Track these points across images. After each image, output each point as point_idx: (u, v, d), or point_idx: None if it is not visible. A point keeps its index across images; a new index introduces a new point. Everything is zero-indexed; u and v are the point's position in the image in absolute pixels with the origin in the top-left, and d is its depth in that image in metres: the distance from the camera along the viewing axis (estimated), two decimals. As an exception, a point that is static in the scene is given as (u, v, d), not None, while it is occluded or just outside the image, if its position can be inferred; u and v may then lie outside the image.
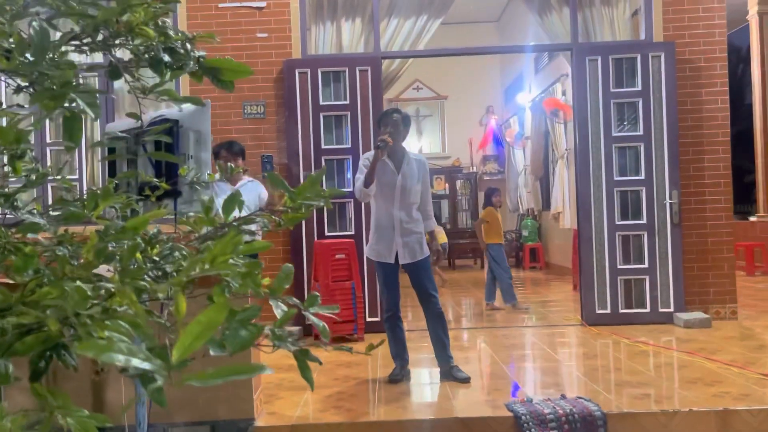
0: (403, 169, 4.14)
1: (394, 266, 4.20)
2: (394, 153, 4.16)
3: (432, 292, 4.17)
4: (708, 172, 5.91)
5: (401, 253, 4.15)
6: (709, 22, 5.88)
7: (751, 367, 4.11)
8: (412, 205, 4.17)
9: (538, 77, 11.73)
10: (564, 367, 4.53)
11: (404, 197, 4.14)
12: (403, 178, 4.13)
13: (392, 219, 4.14)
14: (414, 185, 4.15)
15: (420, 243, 4.18)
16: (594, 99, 5.87)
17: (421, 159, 4.28)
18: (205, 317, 0.87)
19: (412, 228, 4.16)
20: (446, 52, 6.80)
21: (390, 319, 4.20)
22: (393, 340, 4.23)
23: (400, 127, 4.14)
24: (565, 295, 8.22)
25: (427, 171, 4.29)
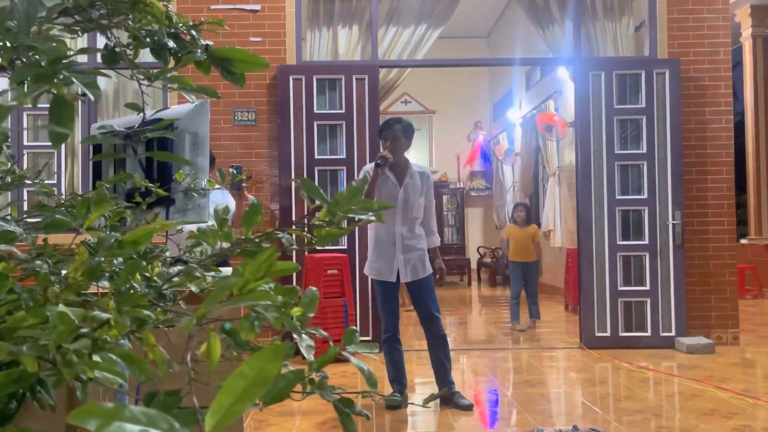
0: (406, 182, 3.92)
1: (395, 285, 3.97)
2: (397, 165, 3.95)
3: (435, 313, 3.93)
4: (711, 193, 5.77)
5: (402, 271, 3.91)
6: (714, 40, 5.77)
7: (766, 398, 3.92)
8: (414, 220, 3.94)
9: (529, 93, 11.63)
10: (569, 394, 4.30)
11: (406, 212, 3.91)
12: (405, 192, 3.91)
13: (393, 235, 3.91)
14: (417, 199, 3.92)
15: (422, 260, 3.95)
16: (597, 115, 5.71)
17: (425, 171, 4.05)
18: (251, 368, 0.63)
19: (415, 244, 3.93)
20: (446, 63, 6.62)
21: (388, 341, 3.95)
22: (391, 363, 3.98)
23: (401, 139, 3.91)
24: (557, 315, 8.02)
25: (431, 184, 4.06)
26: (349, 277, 5.34)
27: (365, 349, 1.09)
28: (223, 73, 1.35)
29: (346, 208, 1.02)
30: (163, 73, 1.24)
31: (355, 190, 1.06)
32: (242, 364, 0.64)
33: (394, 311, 3.98)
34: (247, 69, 1.31)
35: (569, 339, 6.12)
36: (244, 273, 0.87)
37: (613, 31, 6.00)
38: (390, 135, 3.90)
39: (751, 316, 7.59)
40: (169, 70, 1.24)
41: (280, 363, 0.65)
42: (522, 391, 4.41)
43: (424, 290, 3.95)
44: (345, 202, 1.03)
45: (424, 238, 4.01)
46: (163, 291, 1.14)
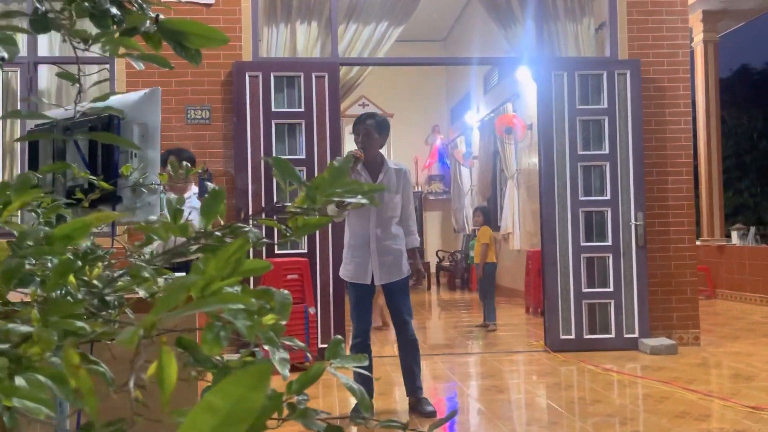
0: (380, 179, 3.75)
1: (369, 288, 3.79)
2: (370, 162, 3.77)
3: (406, 318, 3.78)
4: (672, 194, 5.79)
5: (377, 274, 3.74)
6: (673, 42, 5.80)
7: (735, 399, 3.89)
8: (390, 220, 3.77)
9: (486, 97, 11.62)
10: (539, 399, 4.19)
11: (381, 211, 3.73)
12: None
13: (367, 236, 3.73)
14: (392, 198, 3.75)
15: (398, 262, 3.77)
16: (559, 115, 5.66)
17: (401, 168, 3.87)
18: (226, 398, 0.45)
19: (391, 245, 3.76)
20: (409, 61, 6.48)
21: (358, 346, 3.76)
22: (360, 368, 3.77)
23: (374, 135, 3.74)
24: (518, 318, 7.97)
25: (409, 181, 3.89)
26: (311, 283, 5.13)
27: (352, 363, 0.91)
28: (176, 49, 1.14)
29: (328, 192, 0.84)
30: (104, 36, 1.04)
31: (338, 171, 0.88)
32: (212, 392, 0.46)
33: (366, 316, 3.80)
34: (203, 44, 1.11)
35: (534, 342, 6.04)
36: (207, 270, 0.68)
37: (575, 31, 5.97)
38: (362, 130, 3.73)
39: (708, 316, 7.68)
40: (110, 33, 1.04)
41: (265, 390, 0.47)
42: (489, 397, 4.28)
43: (398, 293, 3.79)
44: (326, 185, 0.85)
45: (401, 238, 3.83)
46: (105, 297, 0.94)
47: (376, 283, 3.76)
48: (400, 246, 3.79)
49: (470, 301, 10.14)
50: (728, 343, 5.87)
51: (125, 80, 5.35)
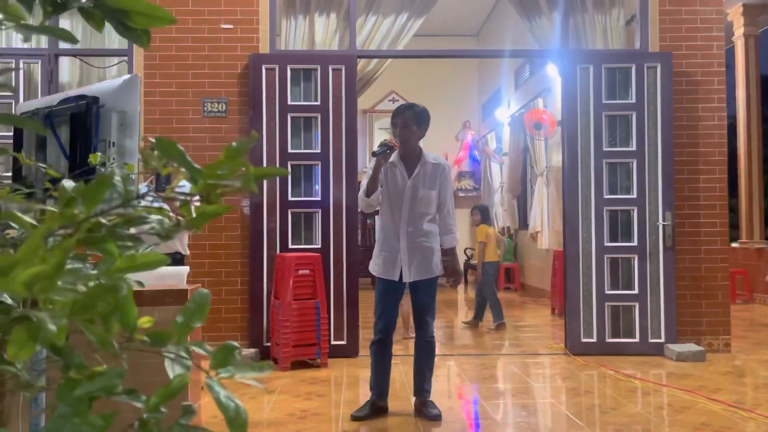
0: (416, 173, 3.58)
1: (398, 285, 3.65)
2: (407, 155, 3.62)
3: (428, 318, 3.66)
4: (703, 194, 5.52)
5: (406, 271, 3.60)
6: (707, 34, 5.53)
7: (759, 410, 3.66)
8: (423, 216, 3.60)
9: (518, 93, 11.38)
10: (553, 406, 4.02)
11: (414, 206, 3.58)
12: (414, 185, 3.57)
13: (398, 231, 3.60)
14: (427, 193, 3.58)
15: (430, 260, 3.61)
16: (584, 110, 5.45)
17: (441, 162, 3.69)
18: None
19: (423, 242, 3.60)
20: (427, 54, 6.33)
21: (379, 343, 3.65)
22: (377, 367, 3.68)
23: (411, 126, 3.56)
24: (543, 319, 7.76)
25: (448, 177, 3.69)
26: (322, 278, 5.04)
27: (251, 372, 0.80)
28: (119, 29, 1.04)
29: (213, 175, 0.73)
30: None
31: (236, 152, 0.77)
32: None
33: (390, 314, 3.67)
34: (149, 23, 1.01)
35: (554, 345, 5.85)
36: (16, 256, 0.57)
37: (603, 23, 5.74)
38: (399, 121, 3.58)
39: (742, 321, 7.35)
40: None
41: None
42: (502, 402, 4.13)
43: (424, 292, 3.65)
44: (216, 167, 0.74)
45: (434, 236, 3.66)
46: None
47: (405, 280, 3.62)
48: (433, 244, 3.64)
49: (497, 301, 9.93)
50: (761, 350, 5.58)
51: (143, 72, 5.34)
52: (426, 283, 3.62)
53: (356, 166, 5.41)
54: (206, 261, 5.29)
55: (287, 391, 4.23)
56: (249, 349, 5.12)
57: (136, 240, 0.84)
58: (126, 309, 0.72)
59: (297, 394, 4.14)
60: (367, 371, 4.45)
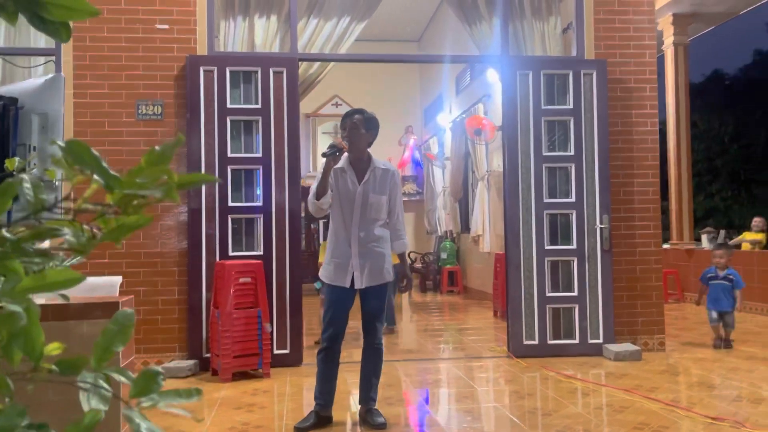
0: (366, 178, 3.56)
1: (349, 292, 3.58)
2: (356, 160, 3.58)
3: (377, 324, 3.62)
4: (637, 197, 5.69)
5: (358, 277, 3.54)
6: (640, 43, 5.71)
7: (696, 409, 3.77)
8: (374, 222, 3.57)
9: (459, 98, 11.51)
10: (497, 410, 4.04)
11: (365, 212, 3.54)
12: (365, 190, 3.54)
13: (349, 237, 3.54)
14: (378, 198, 3.56)
15: (381, 266, 3.58)
16: (524, 116, 5.53)
17: (390, 168, 3.68)
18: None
19: (374, 248, 3.56)
20: (369, 58, 6.30)
21: (326, 351, 3.56)
22: (323, 376, 3.59)
23: (360, 130, 3.54)
24: (485, 322, 7.84)
25: (398, 183, 3.69)
26: (264, 286, 4.92)
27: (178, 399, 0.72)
28: (34, 21, 0.94)
29: (132, 184, 0.66)
30: None
31: (159, 157, 0.70)
32: None
33: (340, 321, 3.58)
34: (67, 16, 0.92)
35: (497, 348, 5.90)
36: None
37: (541, 30, 5.85)
38: (349, 124, 3.55)
39: (674, 321, 7.62)
40: None
41: None
42: (447, 407, 4.12)
43: (374, 298, 3.60)
44: (135, 175, 0.67)
45: (386, 242, 3.64)
46: None
47: (356, 286, 3.57)
48: (384, 249, 3.61)
49: (441, 304, 10.01)
50: (693, 348, 5.78)
51: (72, 72, 5.10)
52: (377, 289, 3.58)
53: (299, 170, 5.32)
54: (141, 270, 5.09)
55: (228, 403, 4.10)
56: (187, 361, 4.94)
57: (46, 256, 0.75)
58: (31, 335, 0.64)
59: (238, 407, 4.01)
60: (311, 380, 4.38)
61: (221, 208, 5.15)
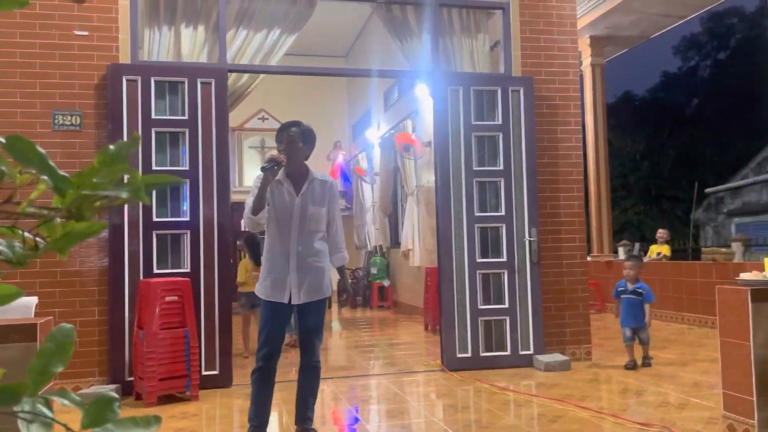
0: (303, 191, 3.47)
1: (286, 308, 3.45)
2: (294, 172, 3.49)
3: (316, 341, 3.52)
4: (563, 210, 5.86)
5: (296, 293, 3.43)
6: (563, 61, 5.92)
7: (625, 415, 3.88)
8: (313, 235, 3.48)
9: (387, 114, 11.60)
10: (433, 424, 4.01)
11: (303, 224, 3.44)
12: (303, 202, 3.45)
13: (287, 251, 3.43)
14: (317, 210, 3.48)
15: (320, 281, 3.49)
16: (455, 131, 5.60)
17: (328, 180, 3.61)
18: None
19: (313, 262, 3.47)
20: (301, 71, 6.22)
21: (261, 371, 3.41)
22: (257, 396, 3.44)
23: (298, 143, 3.47)
24: (417, 336, 7.85)
25: (336, 195, 3.63)
26: (192, 305, 4.72)
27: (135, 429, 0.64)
28: None
29: (88, 184, 0.58)
30: None
31: (114, 157, 0.62)
32: None
33: (276, 338, 3.45)
34: None
35: (430, 361, 5.90)
36: None
37: (470, 47, 5.96)
38: (286, 137, 3.46)
39: (597, 330, 7.87)
40: None
41: None
42: (383, 423, 4.06)
43: (313, 314, 3.51)
44: (90, 174, 0.59)
45: (326, 255, 3.55)
46: None
47: (294, 302, 3.45)
48: (323, 264, 3.52)
49: (372, 319, 9.96)
50: (617, 357, 5.97)
51: (-19, 79, 4.76)
52: (316, 305, 3.49)
53: (228, 183, 5.16)
54: (57, 290, 4.77)
55: (154, 429, 3.87)
56: (108, 386, 4.66)
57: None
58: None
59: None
60: (242, 401, 4.22)
61: (145, 223, 4.91)
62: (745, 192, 18.26)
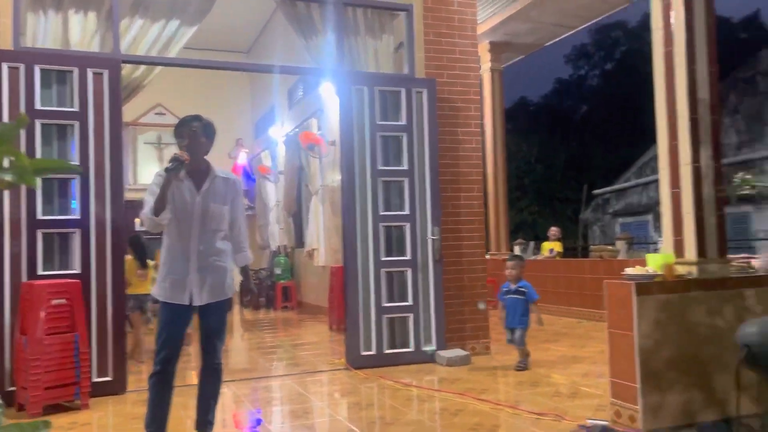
0: (205, 188, 3.33)
1: (186, 310, 3.30)
2: (195, 169, 3.34)
3: (217, 343, 3.40)
4: (464, 210, 6.02)
5: (197, 294, 3.29)
6: (465, 65, 6.08)
7: (522, 406, 4.04)
8: (215, 234, 3.35)
9: (291, 112, 11.47)
10: (338, 422, 4.00)
11: (205, 223, 3.31)
12: (204, 200, 3.31)
13: (188, 250, 3.28)
14: (219, 208, 3.35)
15: (223, 281, 3.37)
16: (360, 130, 5.62)
17: (231, 177, 3.48)
18: None
19: (215, 262, 3.34)
20: (200, 64, 5.99)
21: (159, 375, 3.25)
22: (155, 402, 3.27)
23: (200, 138, 3.33)
24: (321, 336, 7.81)
25: (239, 192, 3.51)
26: (83, 308, 4.45)
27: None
28: None
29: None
30: None
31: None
32: None
33: (176, 342, 3.30)
34: None
35: (335, 360, 5.89)
36: None
37: (375, 47, 6.00)
38: (187, 133, 3.30)
39: (495, 325, 8.14)
40: None
41: None
42: (287, 423, 4.01)
43: (215, 315, 3.38)
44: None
45: (228, 255, 3.43)
46: None
47: (195, 303, 3.31)
48: (225, 263, 3.41)
49: (275, 321, 9.81)
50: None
51: None
52: (218, 305, 3.38)
53: (122, 181, 4.90)
54: (-74, 294, 4.35)
55: (38, 442, 3.61)
56: (-14, 397, 4.29)
57: None
58: None
59: (51, 445, 3.55)
60: (138, 408, 4.03)
61: (29, 221, 4.58)
62: (628, 194, 19.58)
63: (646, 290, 3.46)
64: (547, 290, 9.32)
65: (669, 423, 3.45)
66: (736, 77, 16.13)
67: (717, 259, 3.66)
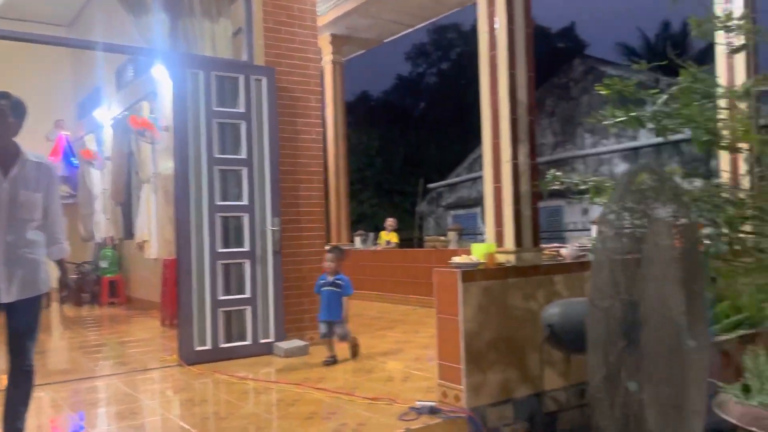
0: (13, 174, 3.02)
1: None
2: (2, 153, 3.03)
3: (28, 343, 3.11)
4: (303, 201, 6.02)
5: (5, 289, 3.00)
6: (305, 55, 6.07)
7: (357, 392, 4.15)
8: (26, 223, 3.06)
9: (120, 94, 10.71)
10: (169, 421, 3.83)
11: (14, 211, 3.01)
12: (13, 186, 3.00)
13: None
14: (30, 195, 3.06)
15: (35, 275, 3.10)
16: (195, 116, 5.39)
17: (44, 162, 3.18)
18: None
19: (26, 254, 3.05)
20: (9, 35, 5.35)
21: None
22: None
23: (9, 118, 3.03)
24: (153, 332, 7.41)
25: (55, 178, 3.22)
26: None
27: None
28: None
29: None
30: None
31: None
32: None
33: None
34: None
35: (167, 357, 5.62)
36: None
37: (212, 31, 5.79)
38: None
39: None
40: None
41: None
42: (113, 426, 3.76)
43: (26, 312, 3.08)
44: None
45: (41, 247, 3.15)
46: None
47: (3, 300, 3.01)
48: (38, 256, 3.13)
49: (101, 317, 9.15)
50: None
51: None
52: (29, 302, 3.08)
53: None
54: None
55: None
56: None
57: None
58: None
59: None
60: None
61: None
62: (459, 188, 20.80)
63: (470, 277, 3.70)
64: (385, 279, 9.64)
65: (489, 400, 3.74)
66: (553, 83, 17.73)
67: (531, 248, 4.01)
